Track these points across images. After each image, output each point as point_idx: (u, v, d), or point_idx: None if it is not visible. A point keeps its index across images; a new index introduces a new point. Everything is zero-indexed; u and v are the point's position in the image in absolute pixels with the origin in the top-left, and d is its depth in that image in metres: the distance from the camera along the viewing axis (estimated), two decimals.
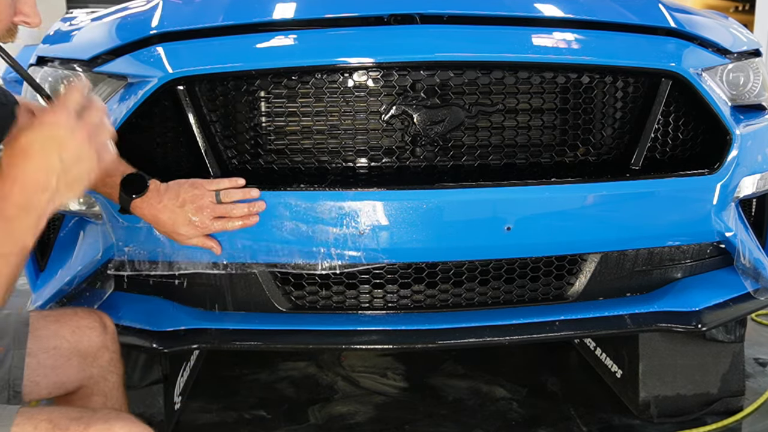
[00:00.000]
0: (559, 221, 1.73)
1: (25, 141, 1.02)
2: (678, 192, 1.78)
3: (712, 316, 1.84)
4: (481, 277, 1.81)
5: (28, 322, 1.37)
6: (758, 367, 2.53)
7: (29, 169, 1.01)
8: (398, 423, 2.17)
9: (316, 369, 2.53)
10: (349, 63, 1.67)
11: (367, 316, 1.80)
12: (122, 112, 1.65)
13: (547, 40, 1.74)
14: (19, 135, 1.03)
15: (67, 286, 1.75)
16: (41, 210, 1.03)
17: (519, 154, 1.80)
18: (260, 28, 1.73)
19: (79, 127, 1.05)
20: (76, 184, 1.06)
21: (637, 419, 2.16)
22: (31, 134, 1.02)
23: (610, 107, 1.84)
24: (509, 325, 1.78)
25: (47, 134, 1.03)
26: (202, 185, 1.56)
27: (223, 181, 1.59)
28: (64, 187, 1.04)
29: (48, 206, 1.03)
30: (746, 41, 2.00)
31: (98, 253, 1.72)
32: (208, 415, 2.20)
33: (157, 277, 1.76)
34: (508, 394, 2.34)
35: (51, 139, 1.03)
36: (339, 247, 1.66)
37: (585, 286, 1.84)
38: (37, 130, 1.03)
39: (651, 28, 1.84)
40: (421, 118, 1.72)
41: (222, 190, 1.57)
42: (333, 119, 1.75)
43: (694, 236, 1.86)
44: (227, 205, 1.57)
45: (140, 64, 1.68)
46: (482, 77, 1.74)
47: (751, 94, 1.92)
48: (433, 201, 1.65)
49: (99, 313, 1.57)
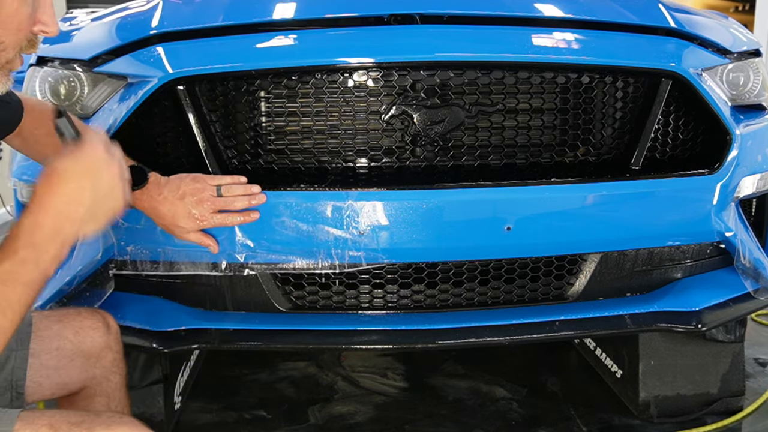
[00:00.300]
0: (559, 221, 1.73)
1: (62, 169, 1.04)
2: (678, 192, 1.78)
3: (712, 316, 1.84)
4: (481, 277, 1.81)
5: (30, 323, 1.36)
6: (758, 367, 2.53)
7: (62, 199, 1.03)
8: (398, 423, 2.17)
9: (316, 369, 2.53)
10: (349, 63, 1.67)
11: (367, 316, 1.80)
12: (122, 112, 1.65)
13: (547, 40, 1.74)
14: (56, 163, 1.05)
15: (67, 286, 1.75)
16: (67, 240, 1.04)
17: (519, 154, 1.80)
18: (260, 28, 1.73)
19: (114, 161, 1.09)
20: (102, 218, 1.08)
21: (637, 419, 2.16)
22: (69, 163, 1.05)
23: (610, 107, 1.84)
24: (509, 325, 1.78)
25: (84, 165, 1.06)
26: (204, 179, 1.57)
27: (225, 178, 1.59)
28: (90, 219, 1.06)
29: (72, 237, 1.04)
30: (746, 41, 2.00)
31: (98, 253, 1.72)
32: (208, 415, 2.20)
33: (158, 277, 1.76)
34: (508, 394, 2.34)
35: (87, 170, 1.06)
36: (339, 247, 1.66)
37: (585, 286, 1.84)
38: (74, 160, 1.06)
39: (651, 28, 1.84)
40: (421, 118, 1.72)
41: (224, 185, 1.57)
42: (333, 119, 1.75)
43: (694, 236, 1.86)
44: (228, 198, 1.57)
45: (140, 64, 1.68)
46: (482, 77, 1.74)
47: (751, 94, 1.92)
48: (433, 201, 1.65)
49: (102, 312, 1.56)
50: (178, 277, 1.76)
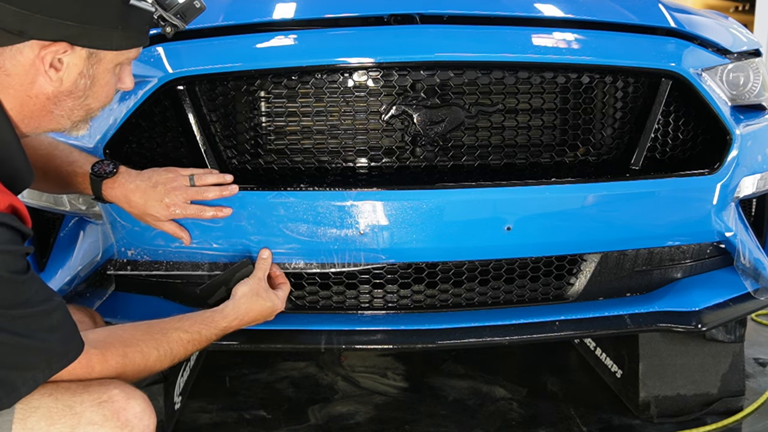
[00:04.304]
0: (559, 221, 1.73)
1: (247, 317, 1.54)
2: (678, 192, 1.78)
3: (712, 316, 1.84)
4: (481, 277, 1.81)
5: None
6: (758, 367, 2.53)
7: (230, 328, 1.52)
8: (398, 423, 2.17)
9: (316, 369, 2.53)
10: (349, 63, 1.67)
11: (367, 316, 1.80)
12: (122, 112, 1.65)
13: (547, 40, 1.74)
14: (247, 309, 1.54)
15: (67, 286, 1.75)
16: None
17: (519, 154, 1.80)
18: (260, 28, 1.73)
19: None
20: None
21: (637, 419, 2.16)
22: (255, 312, 1.56)
23: (610, 107, 1.84)
24: (509, 325, 1.78)
25: (267, 315, 1.58)
26: (176, 170, 1.60)
27: (198, 170, 1.62)
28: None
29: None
30: (746, 41, 2.00)
31: (98, 254, 1.72)
32: (208, 415, 2.20)
33: (158, 277, 1.75)
34: (508, 394, 2.34)
35: (265, 316, 1.58)
36: (339, 247, 1.66)
37: (585, 286, 1.84)
38: (262, 312, 1.57)
39: (651, 28, 1.84)
40: (421, 118, 1.72)
41: (196, 174, 1.60)
42: (333, 119, 1.75)
43: (694, 236, 1.86)
44: (200, 188, 1.59)
45: (140, 64, 1.67)
46: (482, 77, 1.74)
47: (751, 94, 1.92)
48: (433, 201, 1.65)
49: (90, 311, 1.62)
50: (178, 277, 1.76)
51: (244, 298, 1.54)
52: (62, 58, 1.14)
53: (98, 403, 1.14)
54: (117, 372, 1.23)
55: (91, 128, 1.70)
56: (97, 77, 1.21)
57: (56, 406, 1.11)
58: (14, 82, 1.13)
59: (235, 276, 1.61)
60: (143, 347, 1.30)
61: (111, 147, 1.66)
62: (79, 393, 1.14)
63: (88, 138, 1.68)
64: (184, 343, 1.39)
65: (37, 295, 1.09)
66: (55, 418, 1.10)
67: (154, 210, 1.56)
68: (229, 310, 1.52)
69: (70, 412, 1.11)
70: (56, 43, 1.12)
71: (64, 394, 1.13)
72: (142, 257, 1.70)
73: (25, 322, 1.07)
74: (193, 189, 1.58)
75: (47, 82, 1.15)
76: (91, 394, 1.14)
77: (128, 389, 1.19)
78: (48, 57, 1.13)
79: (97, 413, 1.13)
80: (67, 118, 1.22)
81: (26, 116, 1.18)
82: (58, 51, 1.13)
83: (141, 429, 1.17)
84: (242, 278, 1.60)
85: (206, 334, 1.45)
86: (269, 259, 1.64)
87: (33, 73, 1.14)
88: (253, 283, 1.57)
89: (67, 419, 1.11)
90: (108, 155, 1.65)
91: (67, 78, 1.17)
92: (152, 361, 1.32)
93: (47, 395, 1.12)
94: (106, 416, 1.13)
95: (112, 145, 1.66)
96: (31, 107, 1.17)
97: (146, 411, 1.19)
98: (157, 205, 1.56)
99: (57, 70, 1.15)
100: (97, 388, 1.16)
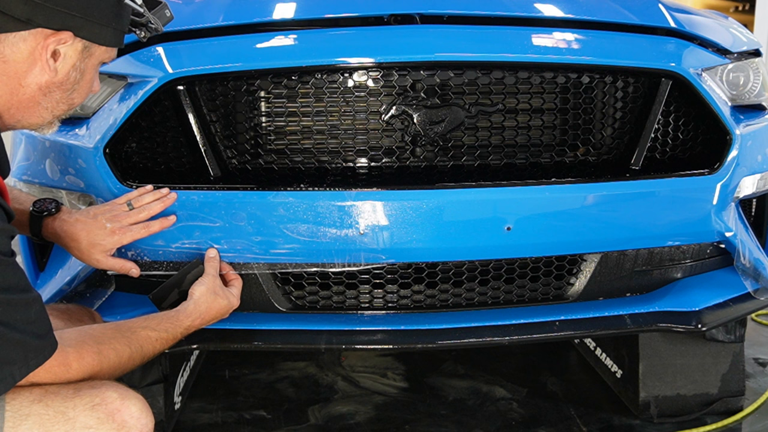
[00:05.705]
0: (559, 221, 1.73)
1: (208, 315, 1.58)
2: (678, 192, 1.78)
3: (712, 316, 1.84)
4: (481, 277, 1.81)
5: None
6: (758, 367, 2.53)
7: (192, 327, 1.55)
8: (398, 423, 2.17)
9: (316, 369, 2.53)
10: (349, 63, 1.67)
11: (367, 316, 1.80)
12: (122, 112, 1.65)
13: (547, 40, 1.74)
14: (207, 307, 1.57)
15: (67, 286, 1.75)
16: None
17: (519, 154, 1.80)
18: (260, 28, 1.73)
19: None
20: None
21: (637, 419, 2.16)
22: (215, 310, 1.59)
23: (610, 107, 1.84)
24: (509, 325, 1.78)
25: (224, 312, 1.62)
26: (112, 201, 1.61)
27: (131, 194, 1.62)
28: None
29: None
30: (746, 41, 2.00)
31: None
32: (208, 415, 2.21)
33: (158, 278, 1.75)
34: (508, 394, 2.34)
35: (223, 314, 1.63)
36: (339, 247, 1.66)
37: (585, 286, 1.84)
38: (220, 311, 1.61)
39: (651, 28, 1.84)
40: (421, 118, 1.72)
41: (133, 198, 1.60)
42: (333, 119, 1.75)
43: (694, 236, 1.85)
44: (140, 207, 1.59)
45: (140, 64, 1.68)
46: (482, 77, 1.74)
47: (751, 94, 1.92)
48: (433, 201, 1.65)
49: (90, 310, 1.64)
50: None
51: (203, 297, 1.57)
52: (61, 48, 1.18)
53: (91, 406, 1.14)
54: (94, 369, 1.24)
55: (91, 128, 1.70)
56: (86, 72, 1.25)
57: (47, 412, 1.11)
58: (9, 69, 1.16)
59: (186, 277, 1.63)
60: (116, 345, 1.31)
61: (111, 147, 1.66)
62: (70, 397, 1.14)
63: (88, 138, 1.69)
64: (153, 341, 1.42)
65: (19, 283, 1.09)
66: (48, 425, 1.10)
67: (100, 238, 1.56)
68: (191, 309, 1.54)
69: (63, 418, 1.11)
70: (61, 32, 1.16)
71: (55, 400, 1.13)
72: (141, 257, 1.69)
73: (5, 310, 1.05)
74: (134, 211, 1.59)
75: (44, 71, 1.18)
76: (83, 398, 1.14)
77: (123, 390, 1.19)
78: (52, 45, 1.17)
79: (92, 416, 1.13)
80: (50, 112, 1.25)
81: (13, 105, 1.20)
82: (61, 40, 1.17)
83: (138, 429, 1.17)
84: (194, 279, 1.62)
85: (173, 332, 1.48)
86: (217, 257, 1.65)
87: (31, 61, 1.16)
88: (208, 281, 1.59)
89: (61, 425, 1.11)
90: (108, 155, 1.65)
91: (62, 68, 1.20)
92: (125, 359, 1.33)
93: (37, 402, 1.11)
94: (101, 419, 1.13)
95: (112, 145, 1.66)
96: (20, 96, 1.19)
97: (143, 411, 1.19)
98: (102, 233, 1.56)
99: (55, 60, 1.18)
100: (89, 391, 1.16)
